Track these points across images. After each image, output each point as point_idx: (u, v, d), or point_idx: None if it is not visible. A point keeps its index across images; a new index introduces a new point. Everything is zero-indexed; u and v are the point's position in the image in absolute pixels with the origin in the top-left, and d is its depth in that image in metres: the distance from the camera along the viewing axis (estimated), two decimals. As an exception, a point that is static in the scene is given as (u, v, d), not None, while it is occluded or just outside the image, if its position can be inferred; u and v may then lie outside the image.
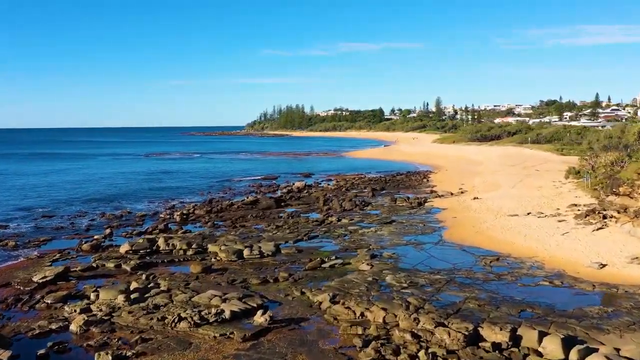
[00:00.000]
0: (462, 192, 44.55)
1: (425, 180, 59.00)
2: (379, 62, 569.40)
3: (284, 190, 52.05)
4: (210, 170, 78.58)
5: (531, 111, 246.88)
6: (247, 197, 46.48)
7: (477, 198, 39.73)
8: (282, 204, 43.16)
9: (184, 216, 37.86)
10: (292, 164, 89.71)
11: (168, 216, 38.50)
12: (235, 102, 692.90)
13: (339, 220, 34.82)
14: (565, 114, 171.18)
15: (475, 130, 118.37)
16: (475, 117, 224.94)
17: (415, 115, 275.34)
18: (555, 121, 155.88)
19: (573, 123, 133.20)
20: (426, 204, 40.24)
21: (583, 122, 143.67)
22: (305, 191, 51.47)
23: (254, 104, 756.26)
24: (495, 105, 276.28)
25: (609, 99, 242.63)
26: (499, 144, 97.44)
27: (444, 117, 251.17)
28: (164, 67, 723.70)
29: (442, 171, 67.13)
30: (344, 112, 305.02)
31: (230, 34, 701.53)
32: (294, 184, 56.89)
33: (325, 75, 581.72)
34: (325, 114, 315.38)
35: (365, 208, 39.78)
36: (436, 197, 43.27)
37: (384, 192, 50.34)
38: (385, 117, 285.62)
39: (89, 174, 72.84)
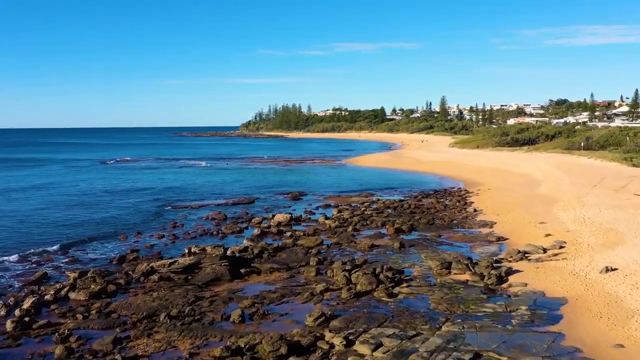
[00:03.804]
0: (561, 247, 25.35)
1: (468, 207, 39.91)
2: (376, 62, 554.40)
3: (257, 231, 32.83)
4: (170, 186, 59.29)
5: (542, 110, 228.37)
6: (187, 252, 27.27)
7: (613, 269, 20.55)
8: (243, 270, 23.95)
9: (33, 312, 18.70)
10: (281, 176, 70.47)
11: (4, 313, 19.22)
12: (231, 102, 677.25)
13: (348, 342, 15.61)
14: (592, 113, 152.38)
15: (501, 132, 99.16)
16: (486, 117, 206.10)
17: (418, 115, 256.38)
18: (584, 121, 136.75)
19: (612, 124, 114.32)
20: (511, 278, 21.06)
21: (619, 122, 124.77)
22: (289, 233, 32.28)
23: (250, 103, 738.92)
24: (502, 105, 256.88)
25: (621, 97, 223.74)
26: (539, 150, 78.31)
27: (449, 117, 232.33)
28: (159, 66, 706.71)
29: (485, 191, 48.03)
30: (343, 112, 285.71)
31: (226, 34, 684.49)
32: (273, 216, 37.70)
33: (322, 75, 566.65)
34: (324, 113, 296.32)
35: (396, 290, 20.50)
36: (520, 258, 24.01)
37: (415, 236, 31.16)
38: (387, 117, 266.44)
39: None
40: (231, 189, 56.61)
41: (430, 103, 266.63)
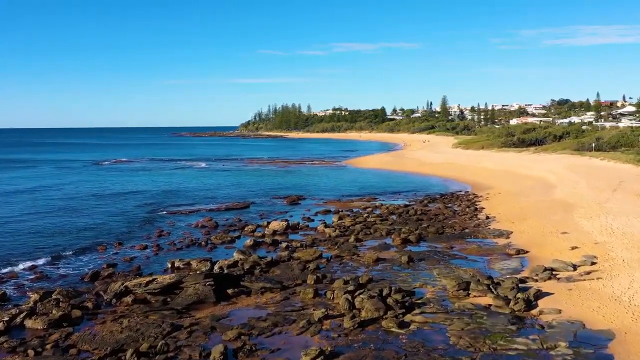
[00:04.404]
0: (592, 263, 22.34)
1: (478, 214, 37.02)
2: (375, 62, 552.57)
3: (249, 242, 29.79)
4: (162, 189, 56.26)
5: (544, 110, 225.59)
6: (170, 267, 24.40)
7: (661, 294, 17.55)
8: (230, 290, 20.95)
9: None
10: (279, 178, 67.51)
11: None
12: (230, 102, 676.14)
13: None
14: (596, 113, 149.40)
15: (506, 132, 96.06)
16: (488, 117, 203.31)
17: (419, 115, 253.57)
18: (589, 121, 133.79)
19: (620, 125, 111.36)
20: (540, 303, 18.03)
21: (626, 122, 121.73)
22: (285, 243, 29.30)
23: (249, 103, 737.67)
24: (504, 105, 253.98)
25: (624, 97, 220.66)
26: (548, 150, 75.27)
27: (450, 117, 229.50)
28: (158, 66, 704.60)
29: (495, 195, 45.08)
30: (343, 112, 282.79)
31: (226, 34, 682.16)
32: (268, 223, 34.72)
33: (321, 75, 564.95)
34: (324, 113, 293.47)
35: (408, 318, 17.50)
36: (548, 276, 21.01)
37: (424, 247, 28.17)
38: (387, 117, 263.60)
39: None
40: (226, 192, 53.64)
41: (431, 103, 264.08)
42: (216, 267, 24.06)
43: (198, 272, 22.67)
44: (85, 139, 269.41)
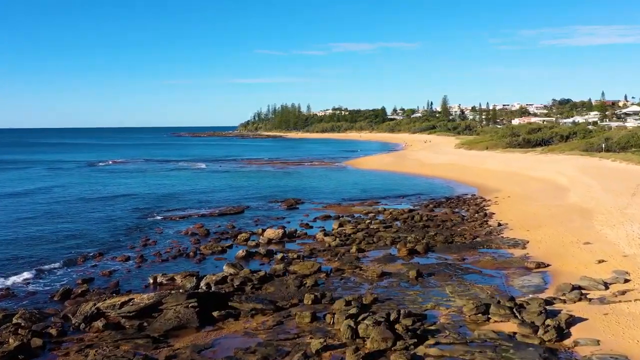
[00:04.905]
0: (625, 280, 19.80)
1: (489, 220, 34.51)
2: (374, 62, 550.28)
3: (241, 252, 27.27)
4: (155, 192, 53.71)
5: (546, 110, 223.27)
6: (152, 282, 21.93)
7: None
8: (216, 313, 18.44)
9: None
10: (276, 180, 64.98)
11: None
12: (229, 102, 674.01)
13: None
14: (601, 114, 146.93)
15: (511, 132, 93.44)
16: (490, 117, 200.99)
17: (420, 115, 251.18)
18: (594, 121, 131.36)
19: (627, 125, 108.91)
20: (573, 331, 15.51)
21: (632, 122, 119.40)
22: (281, 254, 26.73)
23: (249, 103, 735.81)
24: (505, 105, 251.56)
25: (625, 97, 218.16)
26: (555, 151, 72.70)
27: (451, 117, 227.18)
28: (157, 66, 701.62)
29: (504, 198, 42.58)
30: (342, 112, 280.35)
31: (225, 34, 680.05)
32: (263, 230, 32.19)
33: (320, 75, 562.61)
34: (323, 113, 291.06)
35: (420, 350, 14.94)
36: (578, 297, 18.45)
37: (433, 259, 25.65)
38: (388, 117, 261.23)
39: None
40: (220, 195, 51.08)
41: (432, 103, 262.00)
42: (202, 284, 21.59)
43: (181, 290, 20.16)
44: (82, 139, 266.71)
